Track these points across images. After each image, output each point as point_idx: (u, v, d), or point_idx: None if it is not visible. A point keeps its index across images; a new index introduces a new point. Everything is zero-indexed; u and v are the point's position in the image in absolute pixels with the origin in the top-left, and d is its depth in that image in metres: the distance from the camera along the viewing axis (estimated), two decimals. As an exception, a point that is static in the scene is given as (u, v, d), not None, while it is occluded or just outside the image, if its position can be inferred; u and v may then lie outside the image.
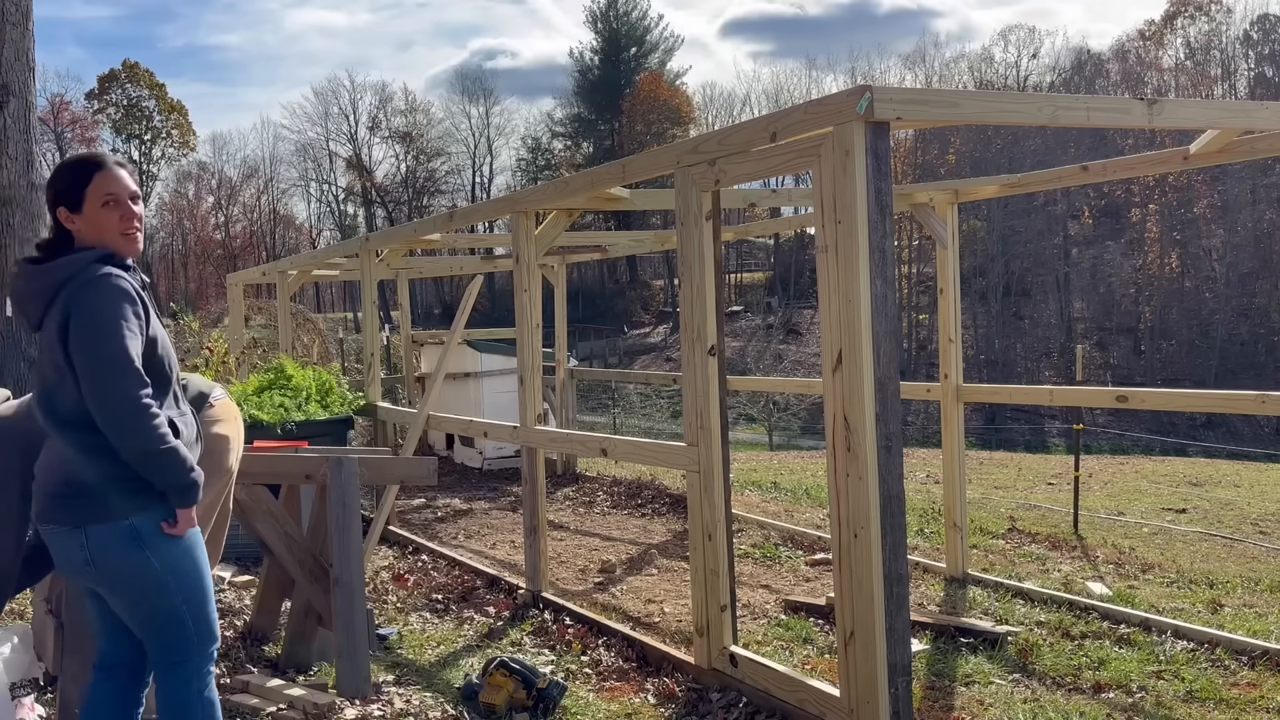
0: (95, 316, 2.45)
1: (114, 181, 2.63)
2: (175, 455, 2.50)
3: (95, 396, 2.43)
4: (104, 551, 2.53)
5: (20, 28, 7.00)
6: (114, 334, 2.43)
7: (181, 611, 2.61)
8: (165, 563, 2.57)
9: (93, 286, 2.48)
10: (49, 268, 2.55)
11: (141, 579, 2.56)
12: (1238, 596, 5.69)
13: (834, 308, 3.20)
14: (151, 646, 2.66)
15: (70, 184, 2.61)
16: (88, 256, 2.55)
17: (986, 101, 3.71)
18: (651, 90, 60.69)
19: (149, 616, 2.61)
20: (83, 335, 2.44)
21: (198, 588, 2.65)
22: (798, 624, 5.00)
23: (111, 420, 2.44)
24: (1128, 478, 11.93)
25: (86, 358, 2.44)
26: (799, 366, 46.01)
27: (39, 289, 2.55)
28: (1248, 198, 46.11)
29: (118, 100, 64.82)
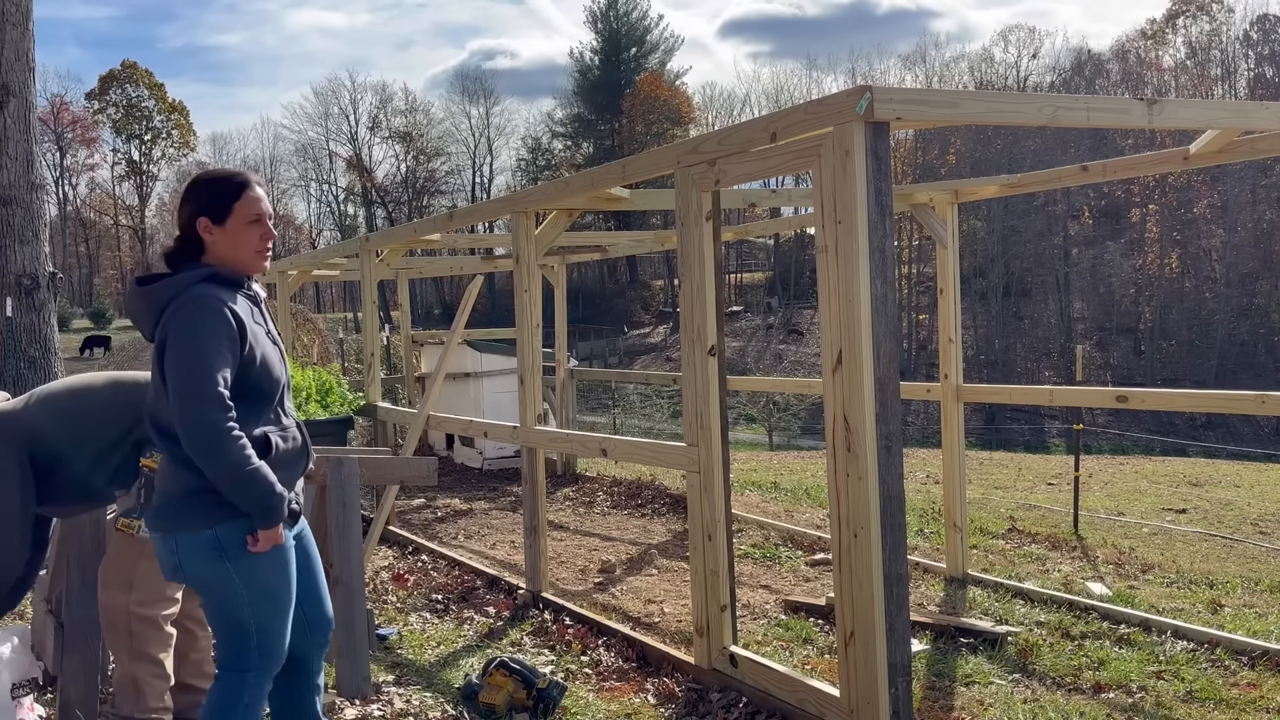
0: (185, 339, 2.51)
1: (259, 201, 2.71)
2: (255, 477, 2.53)
3: (178, 416, 2.51)
4: (190, 558, 2.62)
5: (20, 28, 7.01)
6: (200, 357, 2.49)
7: (249, 625, 2.66)
8: (243, 575, 2.63)
9: (187, 308, 2.53)
10: (152, 289, 2.62)
11: (219, 587, 2.64)
12: (1238, 597, 5.69)
13: (834, 308, 3.20)
14: (219, 648, 2.75)
15: (217, 198, 2.67)
16: (190, 278, 2.61)
17: (986, 101, 3.71)
18: (651, 90, 60.71)
19: (220, 623, 2.71)
20: (172, 356, 2.51)
21: (270, 606, 2.68)
22: (798, 624, 5.00)
23: (192, 441, 2.50)
24: (1128, 478, 11.93)
25: (173, 378, 2.51)
26: (799, 366, 46.01)
27: (147, 309, 2.63)
28: (1248, 198, 46.12)
29: (118, 100, 64.83)
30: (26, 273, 6.98)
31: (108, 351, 39.93)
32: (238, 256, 2.67)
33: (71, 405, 3.32)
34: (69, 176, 65.38)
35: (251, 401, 2.60)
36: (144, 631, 3.30)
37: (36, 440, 3.21)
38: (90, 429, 3.26)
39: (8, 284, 6.98)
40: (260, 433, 2.60)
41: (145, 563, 3.29)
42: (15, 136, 6.97)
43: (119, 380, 3.42)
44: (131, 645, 3.30)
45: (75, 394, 3.37)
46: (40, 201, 7.20)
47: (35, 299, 7.06)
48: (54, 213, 58.64)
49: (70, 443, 3.24)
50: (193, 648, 3.63)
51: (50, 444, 3.22)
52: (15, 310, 6.97)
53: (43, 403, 3.31)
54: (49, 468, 3.23)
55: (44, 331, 7.15)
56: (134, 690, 3.30)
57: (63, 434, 3.24)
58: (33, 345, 7.05)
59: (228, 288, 2.64)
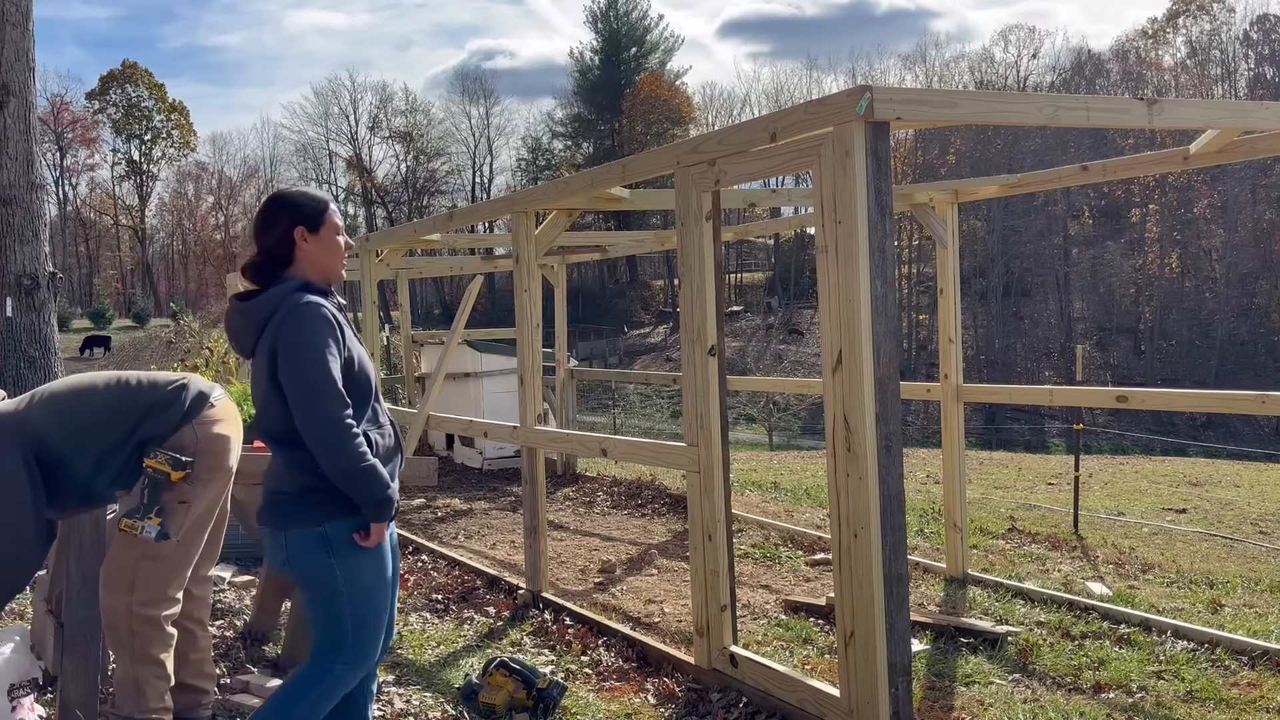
0: (299, 343, 2.64)
1: (339, 216, 2.93)
2: (373, 473, 2.65)
3: (302, 417, 2.62)
4: (298, 553, 2.74)
5: (20, 28, 7.01)
6: (316, 359, 2.63)
7: (346, 621, 2.76)
8: (345, 571, 2.73)
9: (295, 316, 2.66)
10: (255, 304, 2.75)
11: (322, 582, 2.74)
12: (1238, 596, 5.69)
13: (834, 308, 3.20)
14: (314, 639, 2.84)
15: (314, 209, 2.84)
16: (288, 288, 2.74)
17: (986, 101, 3.71)
18: (651, 90, 60.71)
19: (318, 615, 2.79)
20: (289, 361, 2.64)
21: (367, 604, 2.79)
22: (798, 624, 5.00)
23: (317, 439, 2.61)
24: (1128, 478, 11.94)
25: (293, 382, 2.63)
26: (799, 366, 46.02)
27: (249, 324, 2.75)
28: (1248, 198, 46.13)
29: (118, 100, 64.84)
30: (26, 273, 6.98)
31: (107, 351, 39.98)
32: (327, 263, 2.84)
33: (74, 406, 3.32)
34: (69, 176, 65.43)
35: (355, 402, 2.73)
36: (145, 632, 3.30)
37: (40, 441, 3.21)
38: (93, 430, 3.27)
39: (8, 284, 6.98)
40: (361, 430, 2.72)
41: (147, 563, 3.29)
42: (15, 136, 6.97)
43: (122, 380, 3.42)
44: (133, 646, 3.30)
45: (78, 394, 3.37)
46: (40, 201, 7.20)
47: (35, 299, 7.06)
48: (54, 213, 58.64)
49: (73, 444, 3.24)
50: (193, 648, 3.63)
51: (53, 445, 3.22)
52: (15, 310, 6.97)
53: (45, 403, 3.31)
54: (52, 468, 3.23)
55: (44, 331, 7.15)
56: (134, 690, 3.30)
57: (65, 435, 3.24)
58: (33, 345, 7.05)
59: (321, 295, 2.77)
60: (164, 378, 3.47)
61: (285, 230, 2.79)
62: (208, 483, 3.36)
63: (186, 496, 3.30)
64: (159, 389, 3.37)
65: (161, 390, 3.36)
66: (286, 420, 2.66)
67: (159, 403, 3.32)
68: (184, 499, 3.30)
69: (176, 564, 3.35)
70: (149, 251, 68.69)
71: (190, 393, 3.38)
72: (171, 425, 3.30)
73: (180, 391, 3.36)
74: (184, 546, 3.36)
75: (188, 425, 3.31)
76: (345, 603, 2.75)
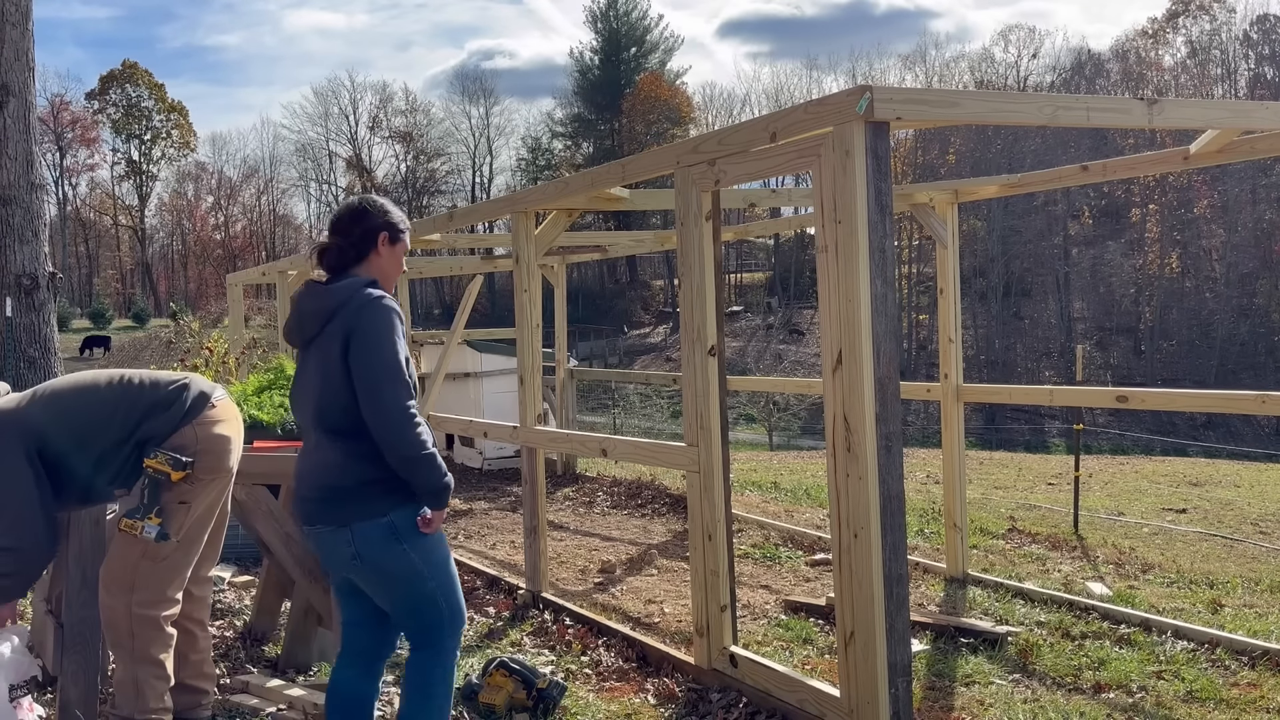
0: (375, 333, 2.77)
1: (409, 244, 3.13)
2: (434, 461, 2.78)
3: (372, 404, 2.73)
4: (368, 545, 2.81)
5: (20, 28, 7.00)
6: (389, 349, 2.77)
7: (436, 595, 2.89)
8: (420, 553, 2.85)
9: (372, 307, 2.80)
10: (333, 289, 2.88)
11: (399, 568, 2.84)
12: (1238, 596, 5.68)
13: (834, 308, 3.20)
14: (409, 628, 2.95)
15: (400, 224, 3.04)
16: (360, 282, 2.88)
17: (986, 101, 3.71)
18: (651, 90, 60.67)
19: (407, 601, 2.90)
20: (363, 349, 2.76)
21: (448, 574, 2.93)
22: (798, 624, 5.00)
23: (385, 426, 2.73)
24: (1128, 478, 11.94)
25: (366, 369, 2.75)
26: (799, 366, 46.01)
27: (321, 308, 2.86)
28: (1248, 198, 46.12)
29: (118, 100, 64.82)
30: (26, 273, 6.98)
31: (107, 351, 39.97)
32: (390, 272, 3.02)
33: (75, 404, 3.32)
34: (69, 176, 65.40)
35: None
36: (145, 632, 3.30)
37: (41, 438, 3.21)
38: (94, 428, 3.26)
39: (7, 284, 6.98)
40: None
41: (146, 563, 3.29)
42: (15, 136, 6.97)
43: (124, 379, 3.42)
44: (132, 646, 3.30)
45: (79, 392, 3.36)
46: (40, 201, 7.20)
47: (35, 299, 7.06)
48: (54, 213, 58.62)
49: (73, 441, 3.24)
50: (193, 649, 3.63)
51: (54, 442, 3.22)
52: (15, 310, 6.97)
53: (47, 401, 3.31)
54: (52, 466, 3.23)
55: (44, 331, 7.14)
56: (134, 691, 3.30)
57: (66, 432, 3.24)
58: (32, 345, 7.04)
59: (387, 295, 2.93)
60: (165, 377, 3.46)
61: (373, 231, 2.96)
62: (208, 483, 3.36)
63: (186, 497, 3.30)
64: (160, 388, 3.37)
65: (163, 390, 3.36)
66: (352, 411, 2.76)
67: (160, 402, 3.32)
68: (184, 499, 3.30)
69: (176, 564, 3.35)
70: (149, 251, 68.68)
71: (191, 393, 3.37)
72: (172, 425, 3.29)
73: (181, 391, 3.36)
74: (184, 547, 3.36)
75: (188, 425, 3.31)
76: (429, 579, 2.87)
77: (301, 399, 2.93)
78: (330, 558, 2.92)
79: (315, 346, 2.86)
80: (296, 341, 2.96)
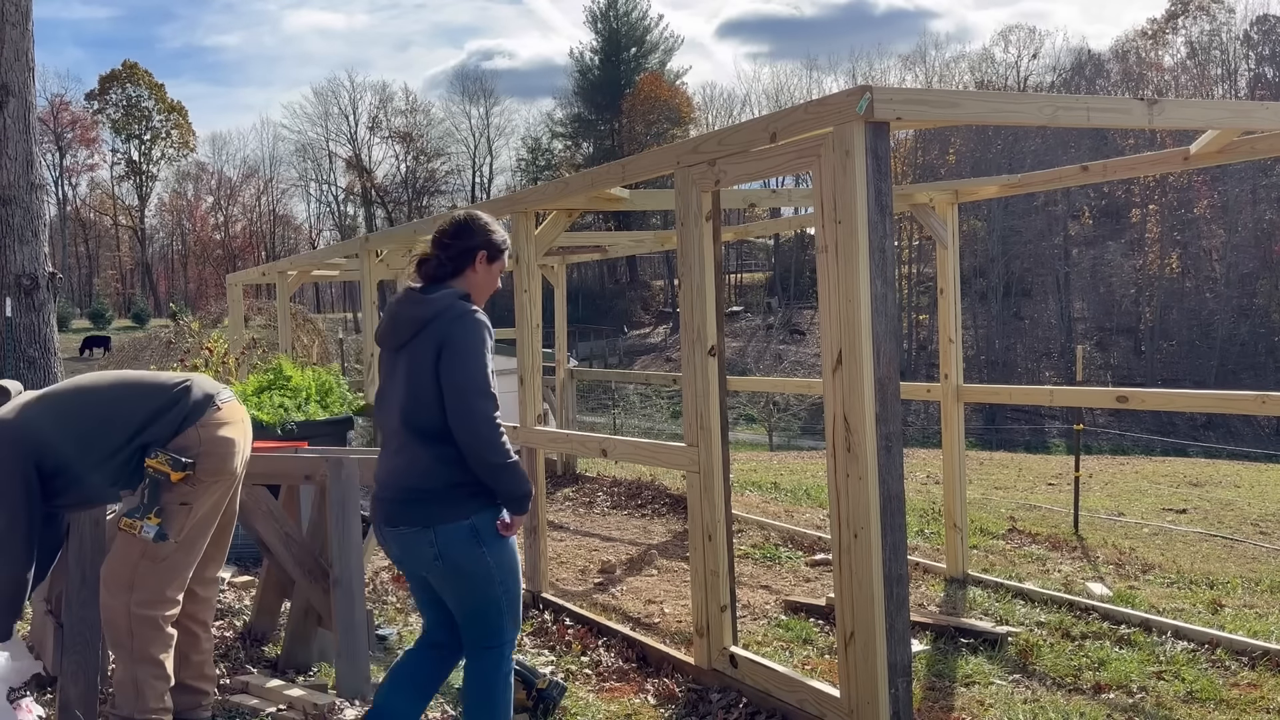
0: (466, 345, 2.88)
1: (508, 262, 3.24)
2: (516, 468, 2.92)
3: (459, 413, 2.84)
4: (449, 547, 2.91)
5: (20, 28, 7.00)
6: (480, 361, 2.88)
7: (501, 602, 3.00)
8: (495, 557, 2.96)
9: (465, 320, 2.92)
10: (430, 299, 2.98)
11: (477, 570, 2.95)
12: (1238, 597, 5.68)
13: (834, 308, 3.20)
14: (469, 630, 3.04)
15: (501, 244, 3.14)
16: (456, 294, 3.00)
17: (986, 101, 3.71)
18: (651, 90, 60.65)
19: (474, 604, 3.00)
20: (456, 359, 2.86)
21: (514, 583, 3.04)
22: (798, 624, 5.00)
23: (471, 434, 2.84)
24: (1128, 478, 11.93)
25: (456, 378, 2.85)
26: (799, 366, 46.01)
27: (416, 316, 2.96)
28: (1248, 198, 46.11)
29: (118, 100, 64.82)
30: (26, 273, 6.98)
31: (107, 352, 39.94)
32: (483, 289, 3.12)
33: (78, 407, 3.31)
34: (69, 176, 65.39)
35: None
36: (144, 632, 3.29)
37: (43, 443, 3.20)
38: (96, 432, 3.25)
39: (7, 284, 6.97)
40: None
41: (146, 563, 3.28)
42: (15, 136, 6.96)
43: (126, 381, 3.42)
44: (131, 646, 3.29)
45: (82, 395, 3.36)
46: (40, 201, 7.19)
47: (35, 299, 7.05)
48: (54, 213, 58.60)
49: (76, 445, 3.23)
50: (195, 649, 3.62)
51: (56, 446, 3.21)
52: (15, 310, 6.96)
53: (49, 405, 3.30)
54: (55, 470, 3.22)
55: (43, 332, 7.14)
56: (134, 691, 3.30)
57: (69, 436, 3.22)
58: (32, 345, 7.04)
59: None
60: (168, 379, 3.45)
61: (471, 250, 3.07)
62: (210, 485, 3.34)
63: (188, 498, 3.29)
64: (163, 391, 3.36)
65: (165, 392, 3.35)
66: (439, 416, 2.85)
67: (162, 405, 3.31)
68: (185, 500, 3.29)
69: (176, 565, 3.34)
70: (149, 251, 68.67)
71: (194, 395, 3.36)
72: (174, 427, 3.28)
73: (183, 393, 3.35)
74: (184, 548, 3.35)
75: (191, 427, 3.30)
76: (498, 585, 2.97)
77: (387, 402, 3.02)
78: (410, 558, 3.00)
79: (406, 351, 2.95)
80: (388, 345, 3.04)
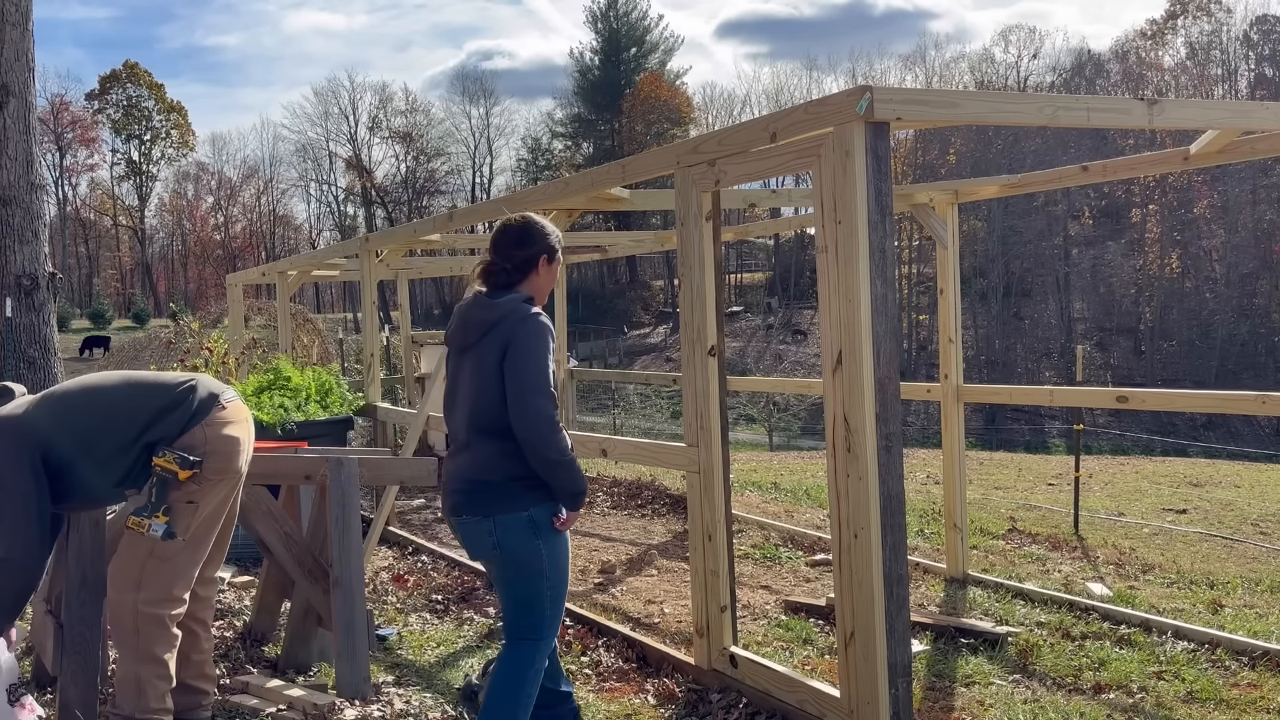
0: (528, 346, 3.02)
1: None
2: (573, 466, 3.05)
3: (519, 410, 2.97)
4: (507, 537, 3.07)
5: (20, 28, 7.00)
6: (540, 362, 3.01)
7: (545, 596, 3.12)
8: (549, 551, 3.10)
9: (529, 323, 3.06)
10: (497, 303, 3.13)
11: (530, 562, 3.09)
12: (1238, 597, 5.68)
13: (834, 308, 3.20)
14: (513, 619, 3.18)
15: (557, 245, 3.29)
16: (520, 299, 3.14)
17: (986, 101, 3.71)
18: (652, 90, 60.67)
19: (522, 594, 3.14)
20: (518, 359, 3.01)
21: (562, 581, 3.17)
22: (798, 625, 4.99)
23: (530, 431, 2.97)
24: (1128, 478, 11.93)
25: (517, 379, 2.99)
26: (799, 367, 46.02)
27: (484, 319, 3.11)
28: (1248, 198, 46.11)
29: (118, 100, 64.84)
30: (26, 273, 6.98)
31: (107, 352, 39.94)
32: (545, 288, 3.28)
33: (83, 408, 3.31)
34: (69, 176, 65.42)
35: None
36: (149, 630, 3.29)
37: (49, 443, 3.20)
38: (101, 432, 3.26)
39: (7, 284, 6.97)
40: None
41: (153, 562, 3.29)
42: (15, 136, 6.96)
43: (131, 381, 3.42)
44: (136, 644, 3.30)
45: (86, 394, 3.36)
46: (40, 201, 7.19)
47: (35, 299, 7.05)
48: (54, 213, 58.60)
49: (81, 445, 3.23)
50: (195, 649, 3.63)
51: (61, 447, 3.21)
52: (15, 310, 6.96)
53: (54, 405, 3.31)
54: (60, 470, 3.22)
55: (44, 332, 7.14)
56: (135, 689, 3.30)
57: (74, 437, 3.23)
58: (32, 345, 7.04)
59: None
60: (173, 379, 3.46)
61: (535, 255, 3.21)
62: (216, 483, 3.35)
63: (194, 496, 3.30)
64: (168, 390, 3.36)
65: (170, 392, 3.36)
66: (503, 414, 3.00)
67: (167, 404, 3.31)
68: (191, 499, 3.29)
69: (183, 564, 3.35)
70: (149, 252, 68.69)
71: (199, 394, 3.37)
72: (179, 427, 3.29)
73: (189, 393, 3.36)
74: (191, 546, 3.35)
75: (197, 426, 3.31)
76: (545, 579, 3.10)
77: (455, 401, 3.19)
78: (472, 545, 3.18)
79: (473, 352, 3.10)
80: (455, 346, 3.19)
